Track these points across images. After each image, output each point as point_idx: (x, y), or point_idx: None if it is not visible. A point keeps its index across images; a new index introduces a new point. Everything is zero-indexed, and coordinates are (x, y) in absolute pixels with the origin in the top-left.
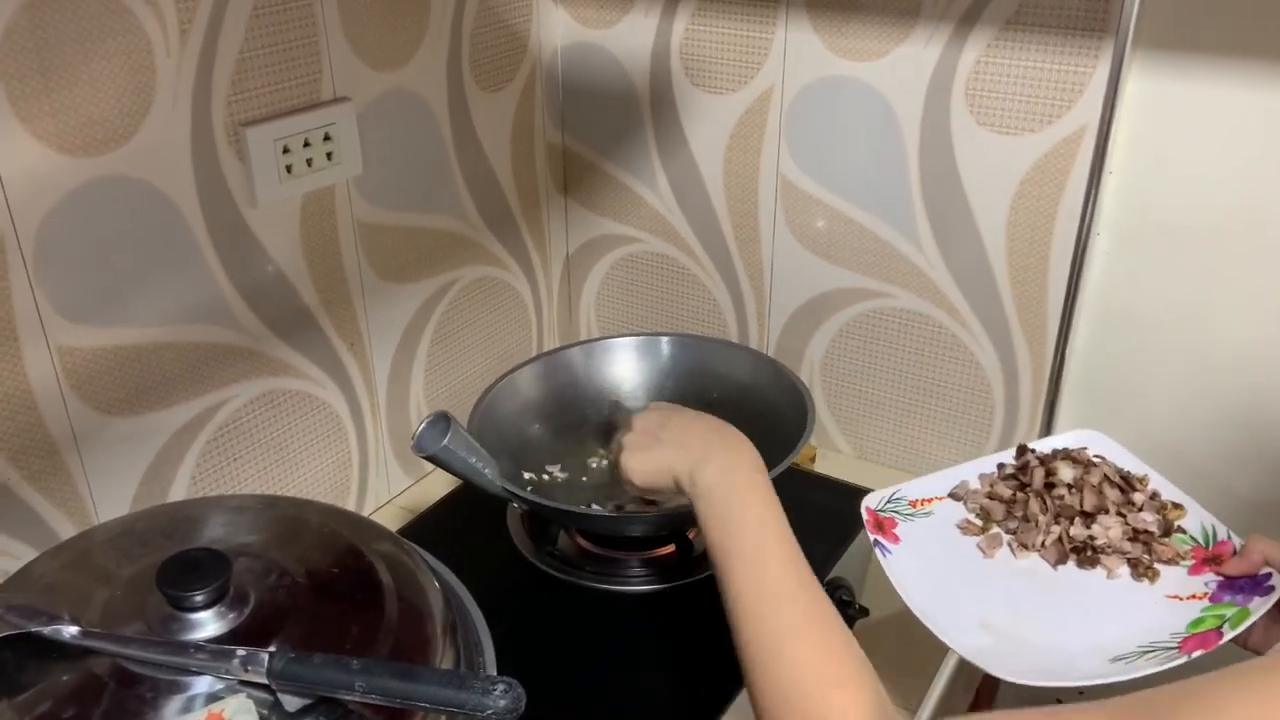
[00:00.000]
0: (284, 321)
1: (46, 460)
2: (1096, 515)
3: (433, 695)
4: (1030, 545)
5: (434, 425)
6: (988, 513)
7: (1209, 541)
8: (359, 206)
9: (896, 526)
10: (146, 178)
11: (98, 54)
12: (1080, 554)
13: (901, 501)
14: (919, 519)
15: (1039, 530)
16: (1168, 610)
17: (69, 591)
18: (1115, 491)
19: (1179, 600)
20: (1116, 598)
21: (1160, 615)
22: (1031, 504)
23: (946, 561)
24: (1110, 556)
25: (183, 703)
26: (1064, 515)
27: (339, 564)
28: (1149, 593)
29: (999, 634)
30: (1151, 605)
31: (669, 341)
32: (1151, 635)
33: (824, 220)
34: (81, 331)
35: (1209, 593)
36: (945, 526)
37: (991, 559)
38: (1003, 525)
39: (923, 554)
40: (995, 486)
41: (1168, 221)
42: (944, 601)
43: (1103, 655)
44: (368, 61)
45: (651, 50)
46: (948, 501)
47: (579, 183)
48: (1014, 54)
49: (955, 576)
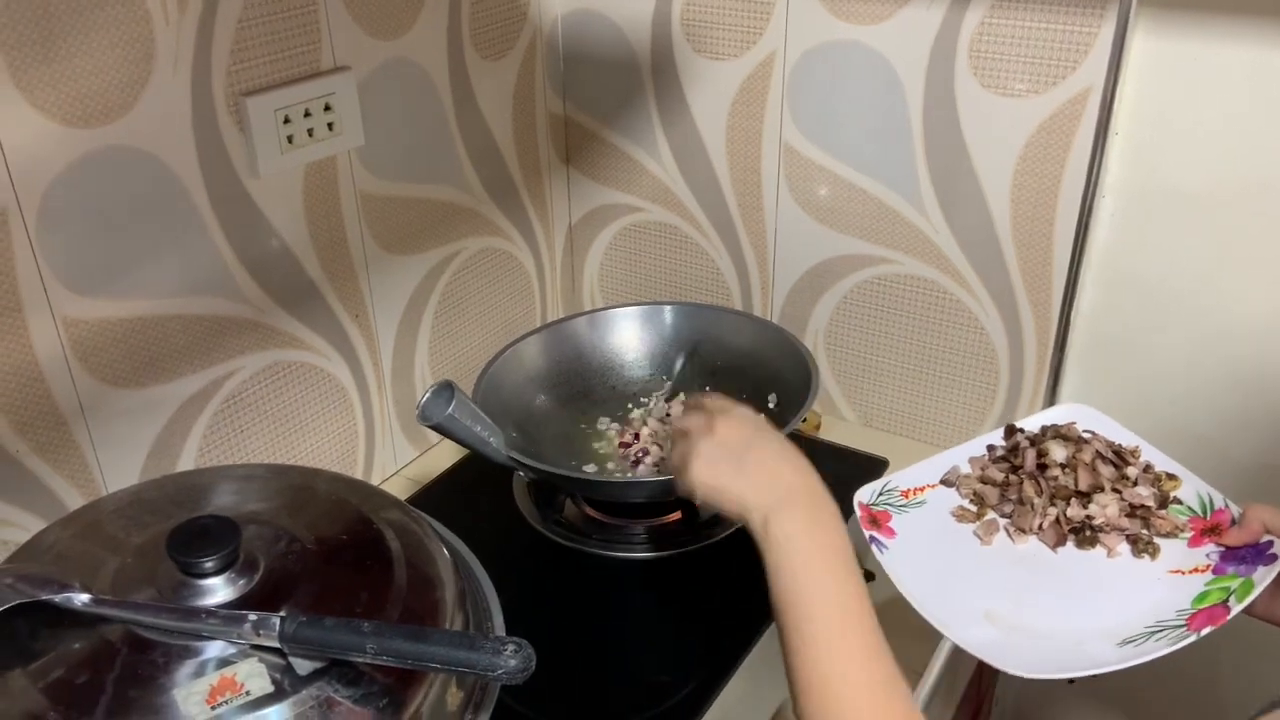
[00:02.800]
0: (288, 293)
1: (54, 432)
2: (1092, 494)
3: (444, 656)
4: (1028, 529)
5: (439, 394)
6: (982, 498)
7: (1206, 511)
8: (361, 177)
9: (891, 520)
10: (148, 148)
11: (97, 24)
12: (1079, 534)
13: (894, 493)
14: (913, 509)
15: (1035, 513)
16: (1171, 586)
17: (79, 560)
18: (1109, 468)
19: (1182, 575)
20: (1119, 577)
21: (1165, 592)
22: (1025, 487)
23: (944, 552)
24: (1109, 535)
25: (195, 667)
26: (1059, 496)
27: (348, 531)
28: (1151, 569)
29: (1003, 624)
30: (1155, 582)
31: (672, 310)
32: (1158, 614)
33: (827, 187)
34: (86, 303)
35: (1211, 565)
36: (940, 515)
37: (989, 545)
38: (998, 510)
39: (920, 547)
40: (987, 470)
41: (1174, 184)
42: (946, 595)
43: (1111, 639)
44: (367, 30)
45: (652, 17)
46: (940, 489)
47: (581, 152)
48: (1018, 15)
49: (954, 568)
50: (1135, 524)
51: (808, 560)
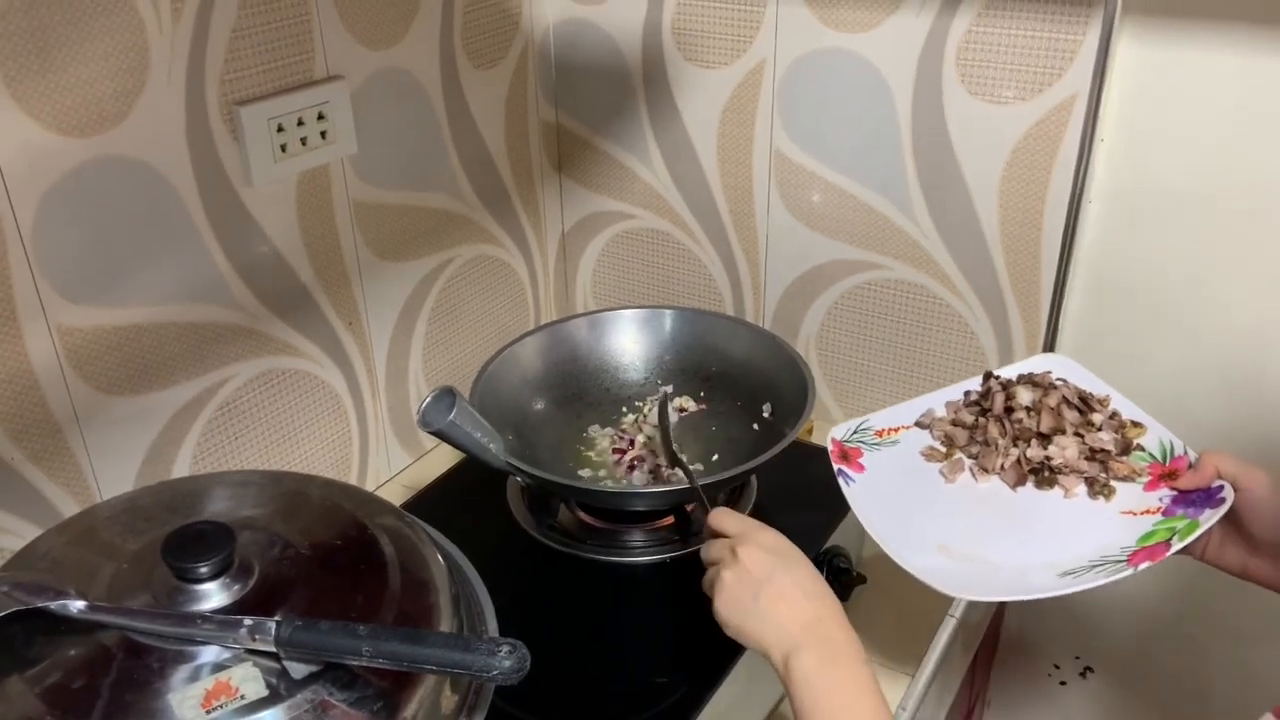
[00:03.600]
0: (282, 301)
1: (49, 439)
2: (1053, 436)
3: (439, 657)
4: (990, 468)
5: (439, 400)
6: (951, 439)
7: (1166, 457)
8: (354, 185)
9: (862, 456)
10: (142, 157)
11: (92, 34)
12: (1038, 475)
13: (868, 431)
14: (885, 448)
15: (998, 453)
16: (1122, 525)
17: (75, 566)
18: (1074, 413)
19: (1133, 515)
20: (1073, 516)
21: (1114, 530)
22: (990, 427)
23: (909, 488)
24: (1067, 476)
25: (190, 672)
26: (1021, 438)
27: (342, 536)
28: (1105, 510)
29: (955, 556)
30: (1106, 521)
31: (671, 315)
32: (1103, 550)
33: (818, 193)
34: (81, 311)
35: (1163, 507)
36: (910, 454)
37: (953, 484)
38: (965, 450)
39: (886, 482)
40: (959, 413)
41: (1160, 188)
42: (903, 526)
43: (1054, 570)
44: (360, 39)
45: (643, 26)
46: (914, 430)
47: (573, 160)
48: (1004, 23)
49: (916, 502)
50: (1094, 467)
51: (826, 698)
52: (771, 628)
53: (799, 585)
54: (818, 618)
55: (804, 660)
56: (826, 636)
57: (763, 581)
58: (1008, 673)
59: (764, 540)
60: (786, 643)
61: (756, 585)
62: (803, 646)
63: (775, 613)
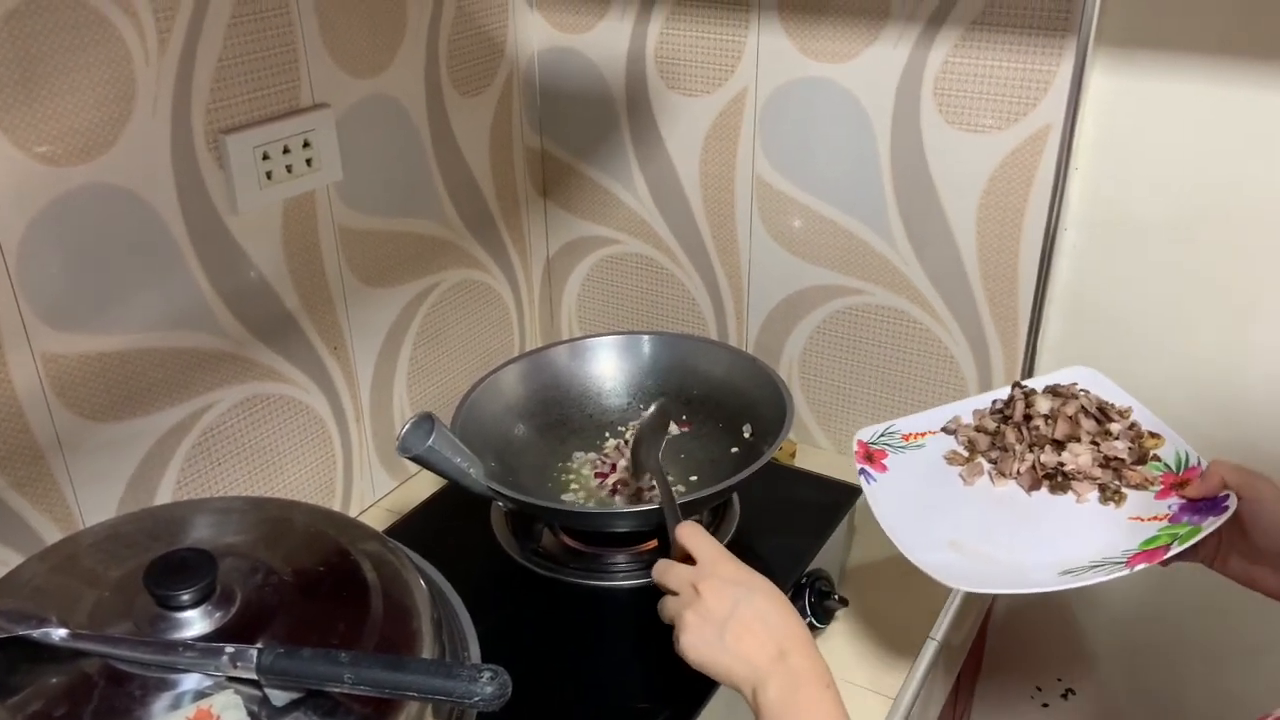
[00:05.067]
0: (267, 327)
1: (32, 466)
2: (1067, 443)
3: (421, 684)
4: (1007, 473)
5: (419, 426)
6: (973, 444)
7: (1181, 468)
8: (340, 212)
9: (886, 458)
10: (128, 186)
11: (78, 64)
12: (1052, 479)
13: (895, 435)
14: (910, 450)
15: (1014, 458)
16: (1128, 530)
17: (57, 594)
18: (1090, 421)
19: (1140, 521)
20: (1082, 520)
21: (1119, 535)
22: (1008, 434)
23: (928, 489)
24: (1081, 482)
25: (172, 699)
26: (1037, 444)
27: (325, 563)
28: (1114, 516)
29: (964, 552)
30: (1113, 526)
31: (650, 340)
32: (1105, 552)
33: (799, 219)
34: (66, 339)
35: (1170, 514)
36: (933, 458)
37: (971, 486)
38: (986, 455)
39: (906, 482)
40: (983, 420)
41: (1135, 216)
42: (916, 523)
43: (1055, 569)
44: (346, 68)
45: (627, 54)
46: (940, 435)
47: (558, 186)
48: (980, 53)
49: (933, 502)
50: (1107, 474)
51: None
52: (739, 664)
53: (762, 618)
54: (782, 650)
55: (770, 693)
56: (791, 668)
57: (727, 619)
58: (990, 694)
59: (725, 573)
60: (754, 677)
61: (721, 623)
62: (769, 679)
63: (741, 649)
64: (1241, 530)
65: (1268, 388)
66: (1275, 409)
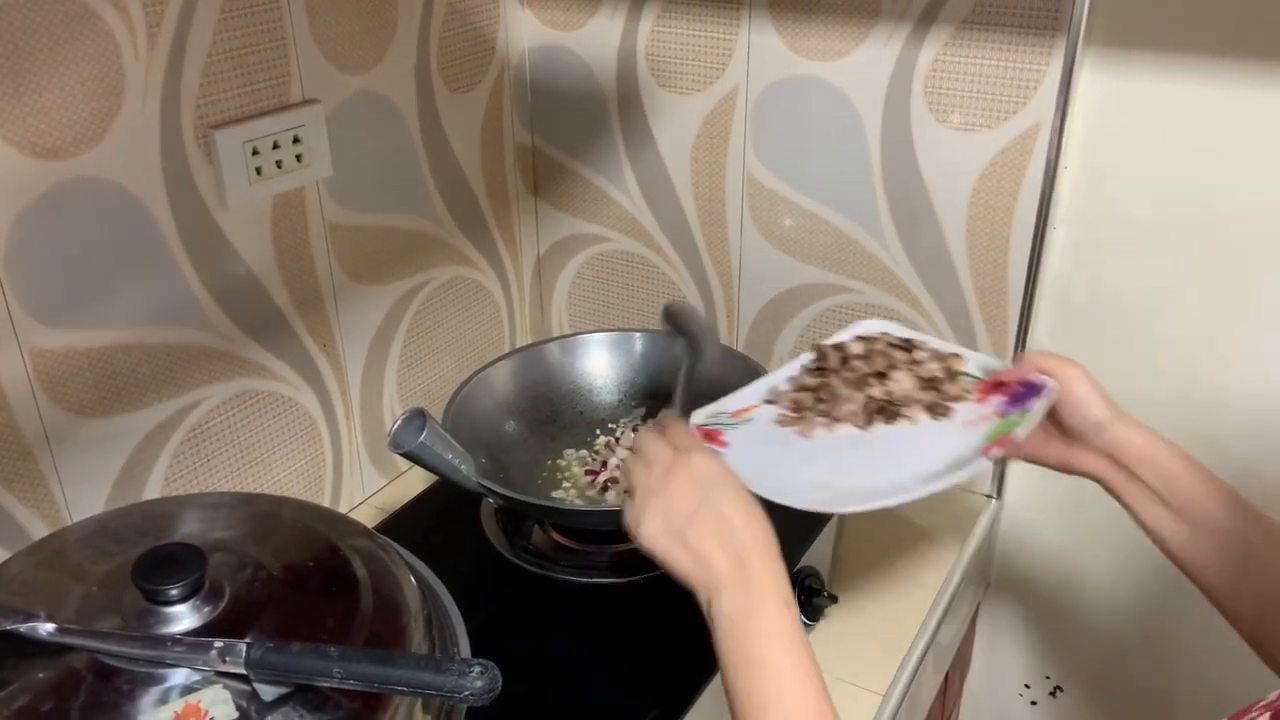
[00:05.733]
0: (256, 323)
1: (19, 462)
2: (889, 373)
3: (410, 679)
4: (841, 417)
5: (410, 422)
6: (799, 404)
7: (987, 374)
8: (329, 208)
9: (723, 434)
10: (117, 180)
11: (66, 58)
12: (884, 411)
13: (724, 415)
14: (742, 425)
15: (844, 400)
16: (968, 434)
17: (44, 589)
18: (900, 352)
19: (975, 425)
20: (924, 439)
21: (961, 441)
22: (833, 380)
23: (773, 452)
24: (910, 407)
25: (160, 694)
26: (862, 382)
27: (314, 558)
28: (949, 427)
29: (834, 490)
30: (953, 436)
31: (642, 338)
32: (957, 455)
33: (790, 218)
34: (53, 334)
35: (998, 411)
36: (766, 426)
37: (811, 439)
38: (813, 410)
39: (750, 451)
40: (802, 379)
41: (1124, 214)
42: (781, 479)
43: (919, 481)
44: (336, 64)
45: (618, 52)
46: (764, 407)
47: (549, 183)
48: (970, 52)
49: (781, 462)
50: (930, 394)
51: (744, 648)
52: (698, 566)
53: (727, 520)
54: (740, 557)
55: (725, 605)
56: (749, 577)
57: (692, 515)
58: (978, 692)
59: (697, 464)
60: (711, 582)
61: (685, 518)
62: (725, 588)
63: (702, 550)
64: (1054, 415)
65: (1252, 383)
66: (1260, 404)
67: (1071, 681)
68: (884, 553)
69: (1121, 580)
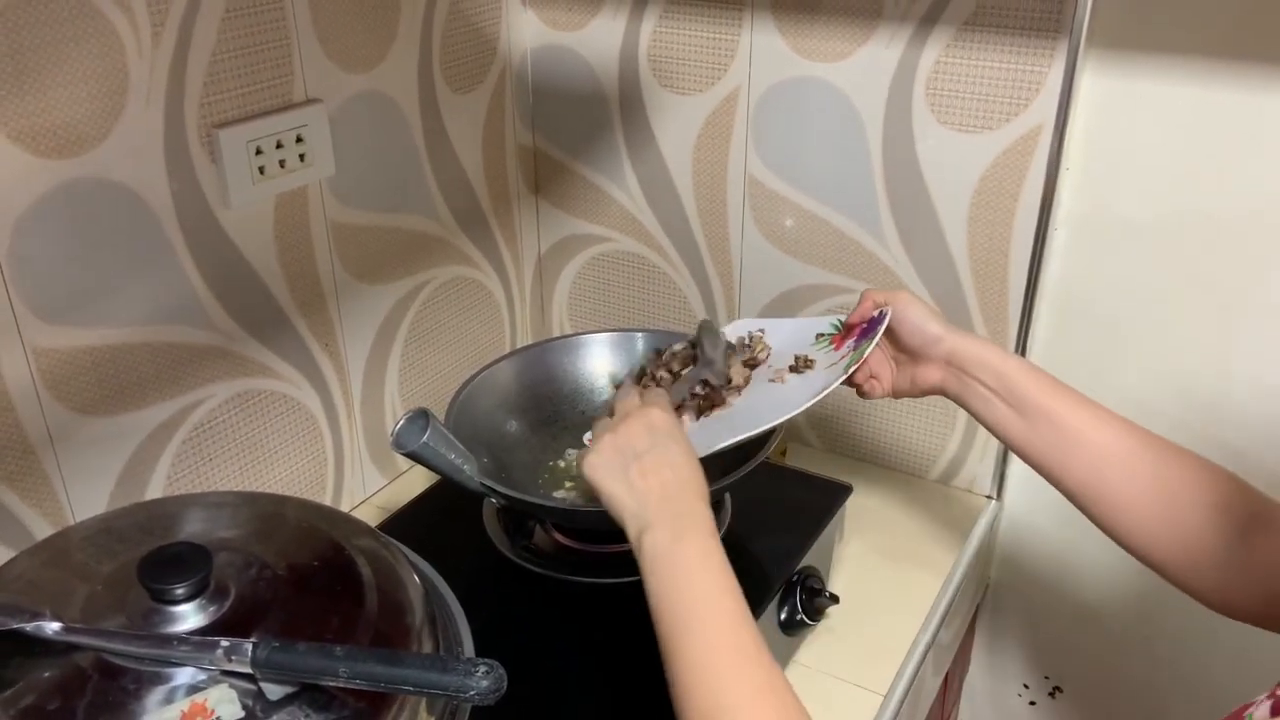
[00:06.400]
0: (258, 322)
1: (22, 460)
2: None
3: (416, 678)
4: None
5: (413, 422)
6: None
7: (840, 328)
8: (332, 207)
9: None
10: (120, 179)
11: (71, 57)
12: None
13: None
14: None
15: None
16: (831, 372)
17: (49, 588)
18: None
19: (835, 365)
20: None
21: (828, 376)
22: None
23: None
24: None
25: (165, 693)
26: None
27: (319, 558)
28: (813, 375)
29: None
30: (818, 378)
31: (644, 337)
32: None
33: (791, 218)
34: (57, 332)
35: (851, 348)
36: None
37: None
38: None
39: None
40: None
41: (1124, 216)
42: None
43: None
44: (339, 63)
45: (620, 52)
46: None
47: (550, 183)
48: (972, 54)
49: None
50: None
51: (670, 576)
52: (633, 499)
53: (671, 465)
54: (673, 496)
55: (654, 536)
56: (679, 512)
57: (636, 454)
58: (978, 693)
59: (653, 418)
60: (643, 516)
61: (630, 456)
62: (655, 524)
63: (640, 485)
64: (896, 341)
65: (1253, 386)
66: (1260, 407)
67: (1070, 682)
68: (884, 553)
69: (1120, 581)
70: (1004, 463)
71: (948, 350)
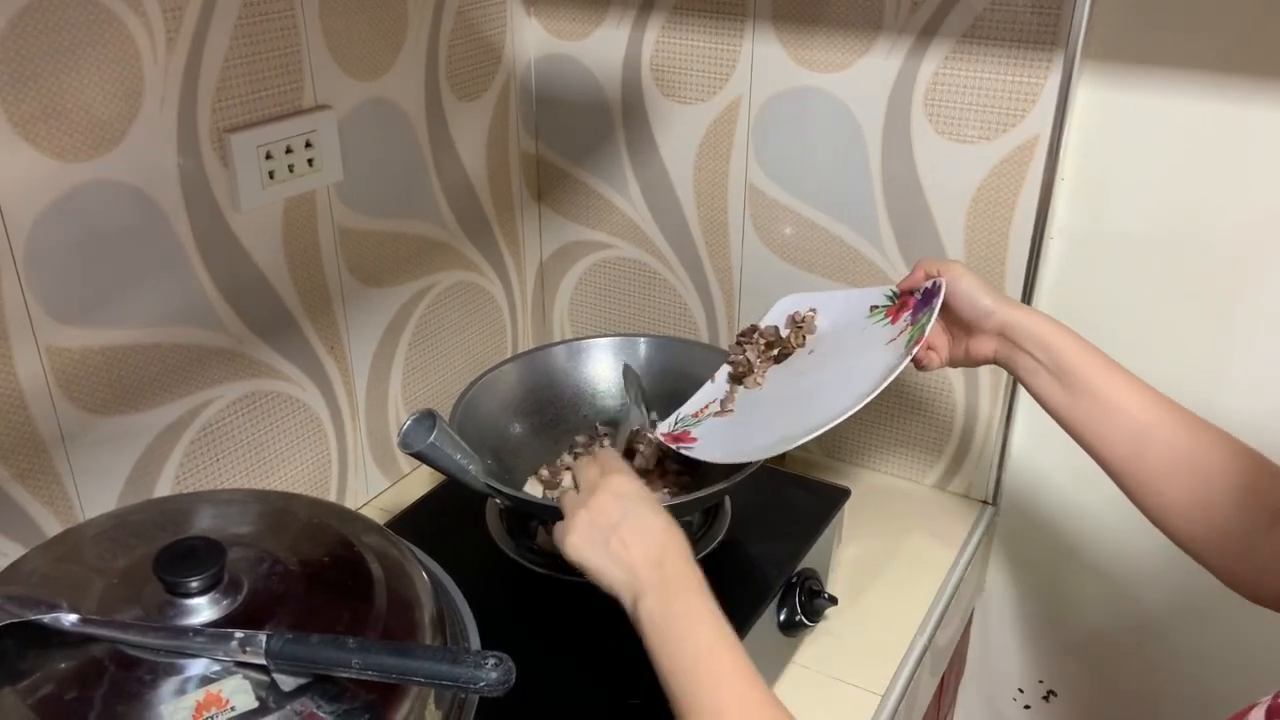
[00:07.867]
0: (266, 324)
1: (34, 459)
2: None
3: (427, 670)
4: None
5: (420, 422)
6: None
7: (894, 299)
8: (339, 212)
9: (690, 433)
10: (134, 182)
11: (87, 62)
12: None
13: (687, 418)
14: (704, 421)
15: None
16: (890, 349)
17: (65, 581)
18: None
19: (895, 340)
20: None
21: (887, 354)
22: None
23: (734, 425)
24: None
25: (180, 684)
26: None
27: (329, 554)
28: (873, 351)
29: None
30: (879, 353)
31: (646, 342)
32: (888, 367)
33: (791, 226)
34: (70, 333)
35: (909, 322)
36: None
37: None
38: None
39: (716, 433)
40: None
41: (1119, 227)
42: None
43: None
44: (348, 71)
45: (623, 62)
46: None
47: (553, 190)
48: (970, 65)
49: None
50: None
51: (669, 635)
52: (621, 570)
53: (646, 529)
54: (658, 560)
55: (648, 602)
56: (666, 576)
57: (615, 526)
58: (972, 696)
59: (617, 485)
60: (635, 586)
61: (608, 529)
62: (647, 590)
63: (625, 556)
64: (951, 313)
65: (1247, 397)
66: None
67: (1064, 686)
68: (883, 556)
69: (1114, 586)
70: (1001, 468)
71: (1000, 323)
